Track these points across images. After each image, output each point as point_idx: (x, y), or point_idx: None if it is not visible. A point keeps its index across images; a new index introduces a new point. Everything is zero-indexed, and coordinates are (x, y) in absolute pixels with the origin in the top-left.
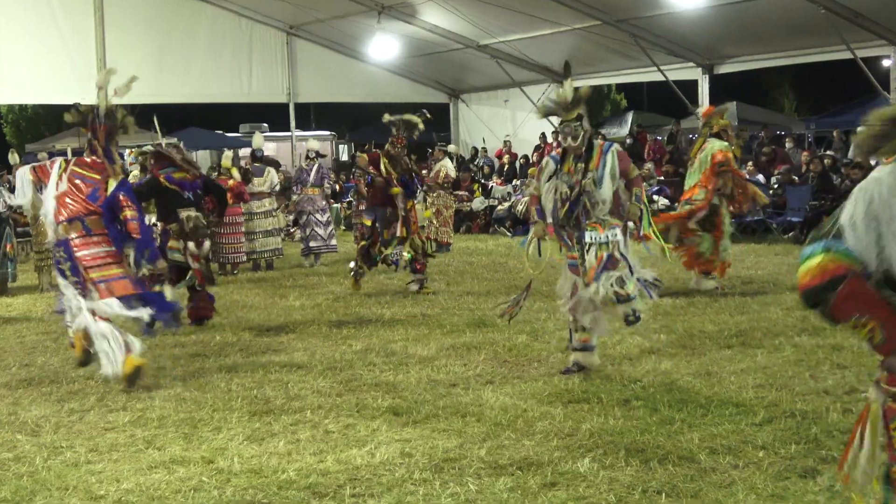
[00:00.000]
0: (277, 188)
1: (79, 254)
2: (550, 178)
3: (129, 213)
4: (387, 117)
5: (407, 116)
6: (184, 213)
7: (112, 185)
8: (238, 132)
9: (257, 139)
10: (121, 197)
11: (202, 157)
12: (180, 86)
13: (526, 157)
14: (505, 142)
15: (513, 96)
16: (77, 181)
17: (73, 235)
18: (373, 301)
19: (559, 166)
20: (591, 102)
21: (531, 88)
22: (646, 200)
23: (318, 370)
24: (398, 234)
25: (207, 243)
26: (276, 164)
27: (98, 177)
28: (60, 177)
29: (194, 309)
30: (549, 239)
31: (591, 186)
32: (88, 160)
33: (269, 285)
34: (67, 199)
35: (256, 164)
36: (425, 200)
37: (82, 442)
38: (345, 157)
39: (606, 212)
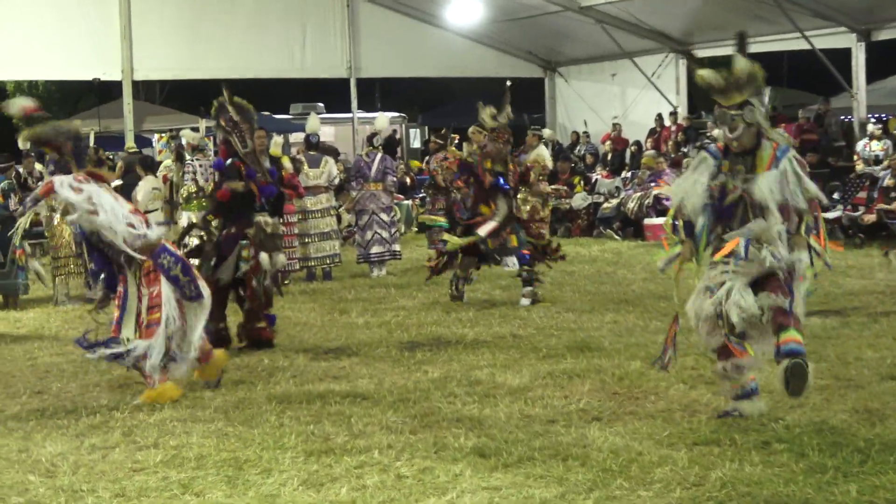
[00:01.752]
0: (336, 181)
1: None
2: (707, 179)
3: None
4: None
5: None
6: (260, 218)
7: None
8: (289, 114)
9: (313, 122)
10: None
11: None
12: (218, 59)
13: (638, 143)
14: (613, 125)
15: (622, 69)
16: None
17: None
18: (452, 318)
19: (719, 165)
20: (759, 84)
21: (644, 60)
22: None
23: (388, 402)
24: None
25: (283, 256)
26: (334, 153)
27: None
28: None
29: (248, 330)
30: (696, 262)
31: (757, 194)
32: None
33: (327, 298)
34: None
35: (312, 153)
36: (515, 196)
37: (106, 485)
38: (416, 144)
39: (776, 231)
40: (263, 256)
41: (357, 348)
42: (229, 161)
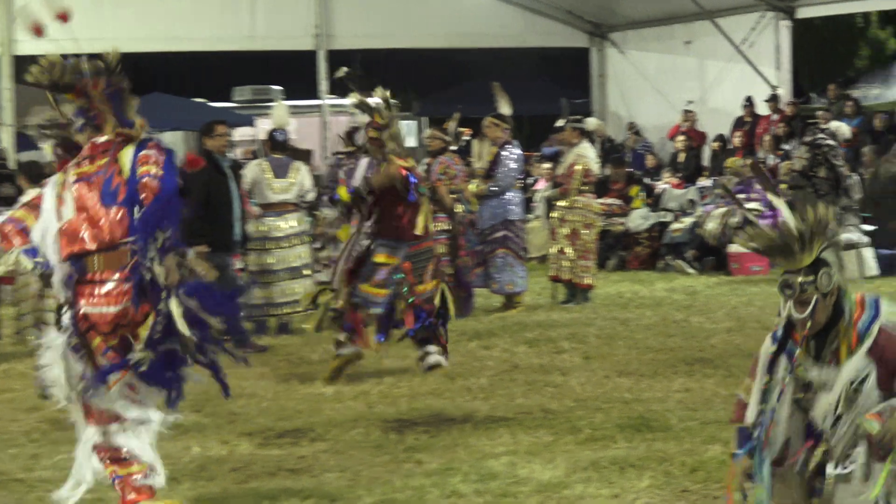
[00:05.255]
0: (311, 196)
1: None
2: (774, 373)
3: (147, 168)
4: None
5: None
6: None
7: (127, 155)
8: (232, 100)
9: (280, 113)
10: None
11: (172, 142)
12: (136, 26)
13: (721, 138)
14: (685, 112)
15: (699, 34)
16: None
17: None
18: (458, 387)
19: (789, 352)
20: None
21: (731, 21)
22: None
23: None
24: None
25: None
26: (307, 157)
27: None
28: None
29: None
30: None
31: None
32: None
33: (283, 360)
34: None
35: (277, 156)
36: (547, 213)
37: None
38: (412, 142)
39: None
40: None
41: (324, 430)
42: None
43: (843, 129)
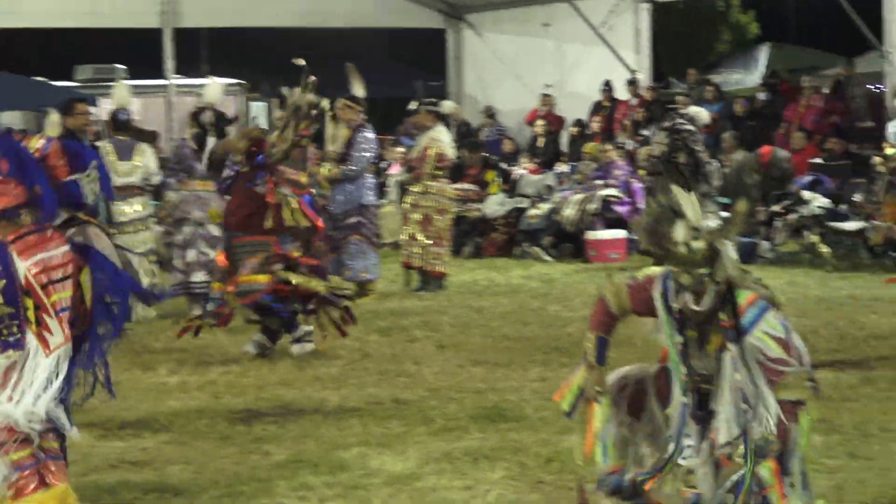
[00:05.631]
0: (156, 179)
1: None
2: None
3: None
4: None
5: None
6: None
7: None
8: (74, 79)
9: (121, 93)
10: None
11: (12, 122)
12: None
13: (580, 123)
14: (544, 97)
15: (558, 16)
16: None
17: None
18: (307, 376)
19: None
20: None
21: (589, 3)
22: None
23: (211, 497)
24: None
25: None
26: (152, 138)
27: None
28: None
29: None
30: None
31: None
32: None
33: (126, 349)
34: None
35: (120, 137)
36: (400, 198)
37: None
38: (261, 123)
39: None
40: None
41: (167, 421)
42: None
43: (702, 114)
